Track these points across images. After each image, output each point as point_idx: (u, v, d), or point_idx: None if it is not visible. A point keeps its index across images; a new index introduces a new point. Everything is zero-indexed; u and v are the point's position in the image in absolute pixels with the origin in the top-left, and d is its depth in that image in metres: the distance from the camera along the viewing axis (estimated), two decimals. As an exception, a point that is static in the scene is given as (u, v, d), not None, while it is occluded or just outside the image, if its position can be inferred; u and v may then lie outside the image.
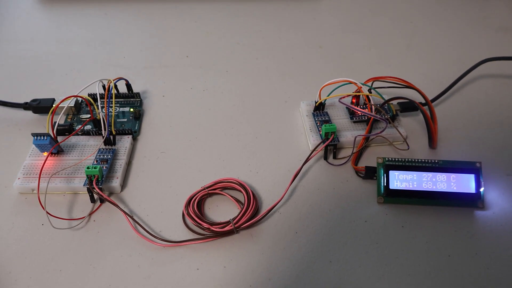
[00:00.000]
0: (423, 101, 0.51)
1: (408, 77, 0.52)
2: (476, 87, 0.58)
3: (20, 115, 0.56)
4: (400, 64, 0.64)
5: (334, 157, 0.50)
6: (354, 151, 0.49)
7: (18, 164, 0.49)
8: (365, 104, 0.53)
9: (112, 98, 0.50)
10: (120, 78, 0.54)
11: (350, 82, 0.50)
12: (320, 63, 0.64)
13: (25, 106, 0.55)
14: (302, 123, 0.55)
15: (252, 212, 0.44)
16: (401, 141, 0.51)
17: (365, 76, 0.54)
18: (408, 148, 0.48)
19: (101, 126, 0.50)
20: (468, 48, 0.66)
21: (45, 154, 0.48)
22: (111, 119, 0.50)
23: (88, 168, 0.44)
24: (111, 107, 0.51)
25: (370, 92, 0.52)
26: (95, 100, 0.54)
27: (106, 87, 0.50)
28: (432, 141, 0.49)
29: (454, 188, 0.44)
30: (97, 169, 0.44)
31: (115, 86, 0.54)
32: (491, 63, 0.57)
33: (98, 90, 0.50)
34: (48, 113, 0.54)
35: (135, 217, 0.44)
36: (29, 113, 0.55)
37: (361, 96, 0.53)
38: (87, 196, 0.46)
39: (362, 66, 0.64)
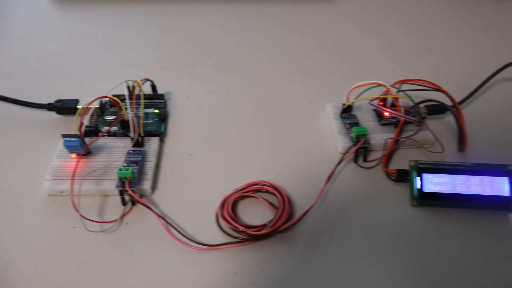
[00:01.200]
0: (448, 104, 0.51)
1: (430, 80, 0.52)
2: (501, 90, 0.59)
3: (43, 116, 0.55)
4: (420, 67, 0.64)
5: (364, 160, 0.50)
6: (384, 154, 0.49)
7: (44, 165, 0.48)
8: (392, 107, 0.53)
9: (140, 99, 0.49)
10: (146, 79, 0.53)
11: (380, 85, 0.50)
12: (340, 65, 0.64)
13: (49, 107, 0.54)
14: (328, 125, 0.54)
15: (288, 215, 0.43)
16: (429, 144, 0.51)
17: (386, 79, 0.53)
18: (443, 151, 0.48)
19: (128, 128, 0.49)
20: (489, 50, 0.67)
21: (74, 155, 0.47)
22: (139, 120, 0.49)
23: (120, 170, 0.43)
24: (139, 108, 0.51)
25: (399, 95, 0.52)
26: (121, 101, 0.54)
27: (134, 87, 0.49)
28: (462, 143, 0.49)
29: (488, 191, 0.44)
30: (130, 171, 0.43)
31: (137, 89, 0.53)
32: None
33: (125, 91, 0.49)
34: (72, 114, 0.54)
35: (168, 220, 0.44)
36: (53, 114, 0.54)
37: (388, 99, 0.53)
38: (117, 199, 0.45)
39: (383, 69, 0.64)
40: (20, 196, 0.46)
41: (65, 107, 0.53)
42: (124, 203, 0.45)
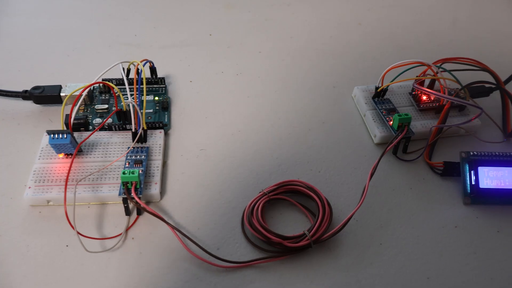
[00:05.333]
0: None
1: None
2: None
3: (18, 106, 0.45)
4: (449, 43, 0.58)
5: (404, 152, 0.43)
6: (428, 143, 0.43)
7: (23, 168, 0.39)
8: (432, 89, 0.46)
9: (142, 85, 0.40)
10: (146, 61, 0.44)
11: (422, 64, 0.43)
12: (362, 42, 0.57)
13: (25, 95, 0.44)
14: (358, 111, 0.47)
15: (329, 221, 0.36)
16: (473, 131, 0.45)
17: (414, 57, 0.46)
18: (505, 140, 0.42)
19: (126, 119, 0.41)
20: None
21: (62, 155, 0.39)
22: (141, 110, 0.40)
23: (124, 173, 0.35)
24: (140, 95, 0.42)
25: (443, 75, 0.45)
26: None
27: (134, 70, 0.40)
28: (516, 129, 0.43)
29: (551, 186, 0.39)
30: (136, 174, 0.35)
31: (138, 71, 0.45)
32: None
33: (123, 74, 0.40)
34: (53, 103, 0.45)
35: (184, 232, 0.36)
36: (29, 103, 0.45)
37: (424, 81, 0.47)
38: (118, 207, 0.37)
39: (409, 46, 0.57)
40: (-5, 208, 0.37)
41: (45, 95, 0.44)
42: (128, 213, 0.37)
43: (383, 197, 0.40)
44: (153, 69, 0.47)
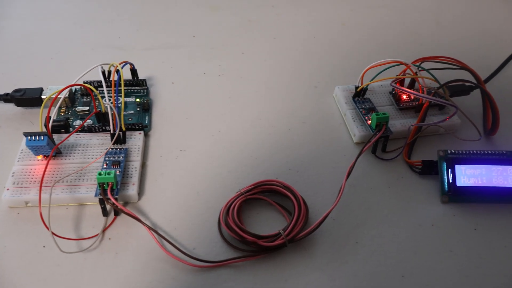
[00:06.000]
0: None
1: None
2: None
3: (0, 109, 0.45)
4: (432, 42, 0.58)
5: (383, 150, 0.44)
6: (407, 142, 0.43)
7: (3, 170, 0.40)
8: (412, 88, 0.46)
9: (120, 87, 0.40)
10: (126, 62, 0.44)
11: (400, 63, 0.44)
12: (345, 42, 0.57)
13: (6, 97, 0.44)
14: (339, 111, 0.48)
15: (305, 220, 0.36)
16: (453, 130, 0.45)
17: (397, 56, 0.46)
18: (480, 138, 0.42)
19: (106, 121, 0.41)
20: (505, 22, 0.61)
21: (40, 157, 0.39)
22: (119, 111, 0.41)
23: (100, 174, 0.35)
24: (118, 97, 0.42)
25: (421, 74, 0.46)
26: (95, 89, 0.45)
27: (112, 72, 0.40)
28: (495, 128, 0.43)
29: (528, 183, 0.39)
30: (112, 175, 0.35)
31: (119, 72, 0.45)
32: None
33: (102, 76, 0.40)
34: (34, 106, 0.45)
35: (160, 232, 0.36)
36: (11, 106, 0.45)
37: (404, 80, 0.47)
38: (96, 208, 0.37)
39: (391, 45, 0.57)
40: (-26, 210, 0.37)
41: (26, 98, 0.44)
42: (105, 213, 0.37)
43: (361, 196, 0.40)
44: (133, 71, 0.47)
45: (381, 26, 0.60)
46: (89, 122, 0.43)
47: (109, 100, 0.39)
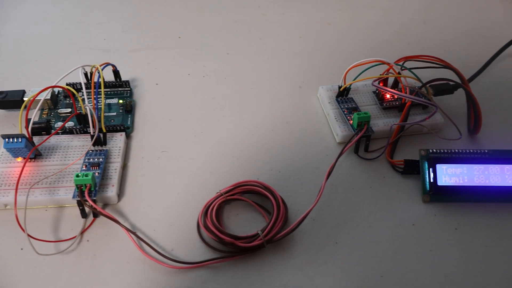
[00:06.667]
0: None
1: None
2: (510, 66, 0.53)
3: (-18, 112, 0.46)
4: (419, 41, 0.58)
5: (366, 150, 0.43)
6: (389, 142, 0.43)
7: (-17, 173, 0.40)
8: (394, 88, 0.46)
9: (100, 88, 0.40)
10: (107, 64, 0.44)
11: (382, 63, 0.43)
12: (331, 42, 0.57)
13: (-12, 100, 0.44)
14: (322, 111, 0.48)
15: (283, 220, 0.36)
16: (437, 129, 0.45)
17: (383, 56, 0.46)
18: (460, 137, 0.42)
19: (87, 123, 0.41)
20: (489, 21, 0.61)
21: (19, 159, 0.39)
22: (100, 113, 0.41)
23: (77, 176, 0.35)
24: (99, 98, 0.42)
25: (404, 73, 0.45)
26: (78, 90, 0.45)
27: (93, 74, 0.40)
28: (477, 126, 0.43)
29: (509, 182, 0.39)
30: (89, 177, 0.35)
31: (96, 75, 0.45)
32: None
33: (82, 78, 0.40)
34: (17, 108, 0.45)
35: (139, 234, 0.36)
36: (-7, 108, 0.45)
37: (388, 80, 0.47)
38: (75, 210, 0.37)
39: (378, 45, 0.57)
40: (-47, 212, 0.38)
41: (8, 100, 0.44)
42: (84, 215, 0.37)
43: (342, 196, 0.40)
44: (116, 72, 0.47)
45: (369, 25, 0.60)
46: (70, 124, 0.43)
47: (89, 101, 0.39)
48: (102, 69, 0.42)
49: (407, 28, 0.60)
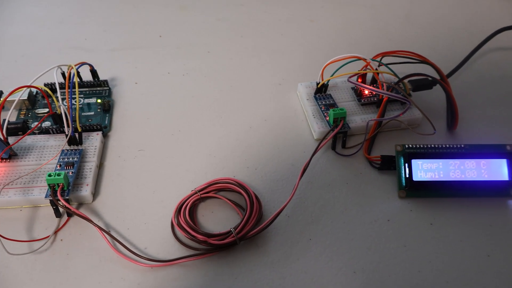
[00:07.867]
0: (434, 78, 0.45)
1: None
2: (491, 60, 0.53)
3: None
4: (401, 37, 0.58)
5: (343, 146, 0.43)
6: (366, 138, 0.43)
7: (-41, 173, 0.40)
8: (373, 83, 0.46)
9: (75, 88, 0.40)
10: (83, 63, 0.44)
11: (359, 59, 0.43)
12: (313, 39, 0.57)
13: (-35, 101, 0.44)
14: (301, 108, 0.47)
15: (257, 217, 0.36)
16: (415, 124, 0.45)
17: (364, 52, 0.46)
18: (435, 132, 0.42)
19: (62, 122, 0.41)
20: (474, 16, 0.61)
21: (-7, 160, 0.39)
22: (75, 113, 0.41)
23: (49, 175, 0.35)
24: (74, 98, 0.42)
25: (380, 69, 0.45)
26: (54, 91, 0.45)
27: (67, 74, 0.40)
28: (454, 121, 0.43)
29: (485, 176, 0.39)
30: (62, 176, 0.35)
31: (78, 73, 0.45)
32: (507, 33, 0.51)
33: (56, 78, 0.40)
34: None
35: (112, 233, 0.36)
36: (-29, 109, 0.45)
37: (367, 75, 0.47)
38: (49, 210, 0.37)
39: (360, 41, 0.57)
40: None
41: (-15, 101, 0.44)
42: (58, 215, 0.37)
43: (317, 193, 0.40)
44: (94, 72, 0.47)
45: (351, 22, 0.60)
46: (47, 123, 0.43)
47: (64, 101, 0.39)
48: (78, 69, 0.42)
49: (389, 24, 0.60)
